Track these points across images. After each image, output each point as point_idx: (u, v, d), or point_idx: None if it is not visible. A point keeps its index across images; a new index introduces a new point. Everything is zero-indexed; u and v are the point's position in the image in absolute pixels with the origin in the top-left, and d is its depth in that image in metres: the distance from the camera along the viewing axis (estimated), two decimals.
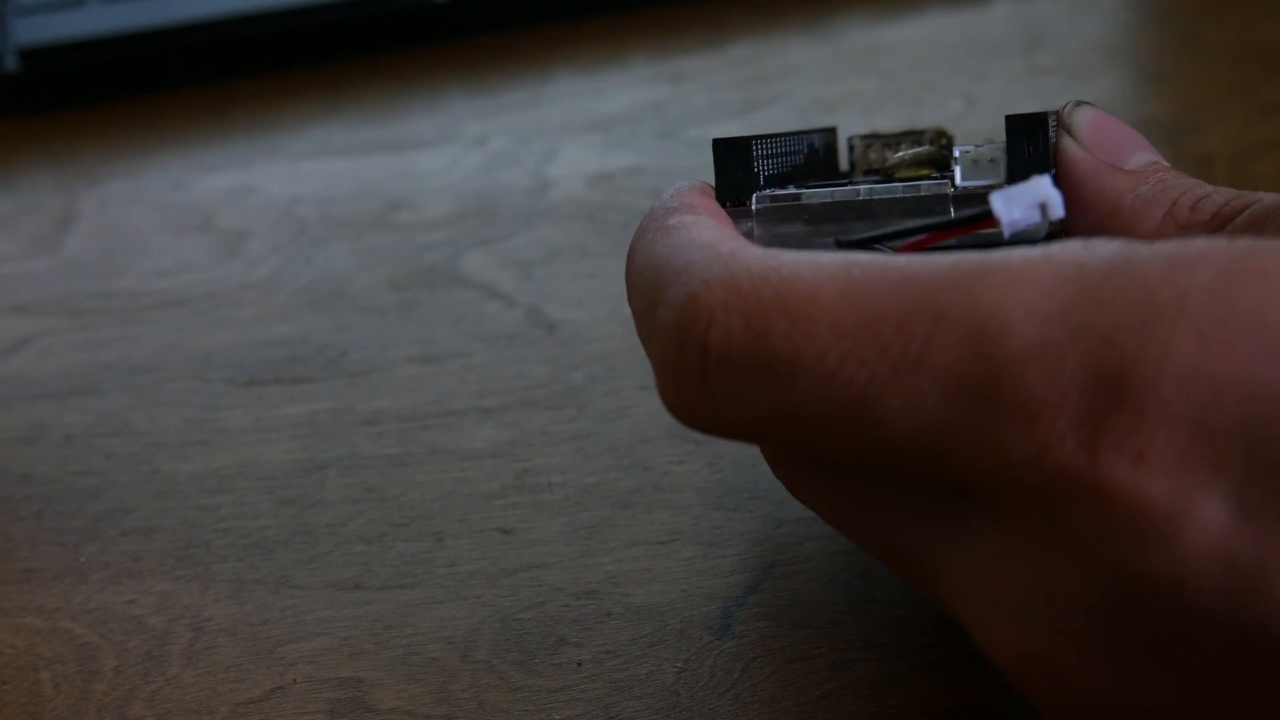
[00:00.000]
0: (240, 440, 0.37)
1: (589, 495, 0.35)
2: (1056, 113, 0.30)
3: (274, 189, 0.48)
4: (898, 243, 0.28)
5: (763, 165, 0.31)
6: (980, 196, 0.28)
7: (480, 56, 0.54)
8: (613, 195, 0.47)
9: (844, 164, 0.37)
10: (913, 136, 0.35)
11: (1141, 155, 0.29)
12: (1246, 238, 0.22)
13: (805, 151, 0.34)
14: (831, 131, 0.36)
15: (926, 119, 0.37)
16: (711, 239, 0.26)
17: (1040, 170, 0.28)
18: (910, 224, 0.28)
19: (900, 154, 0.32)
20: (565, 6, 0.56)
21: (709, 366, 0.23)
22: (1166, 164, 0.29)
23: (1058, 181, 0.29)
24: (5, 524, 0.35)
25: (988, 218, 0.27)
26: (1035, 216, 0.27)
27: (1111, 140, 0.29)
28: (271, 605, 0.33)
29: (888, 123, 0.50)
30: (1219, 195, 0.27)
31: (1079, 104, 0.30)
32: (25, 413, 0.39)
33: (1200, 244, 0.22)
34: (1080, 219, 0.29)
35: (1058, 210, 0.27)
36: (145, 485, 0.36)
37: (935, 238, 0.28)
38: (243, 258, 0.45)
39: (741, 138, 0.30)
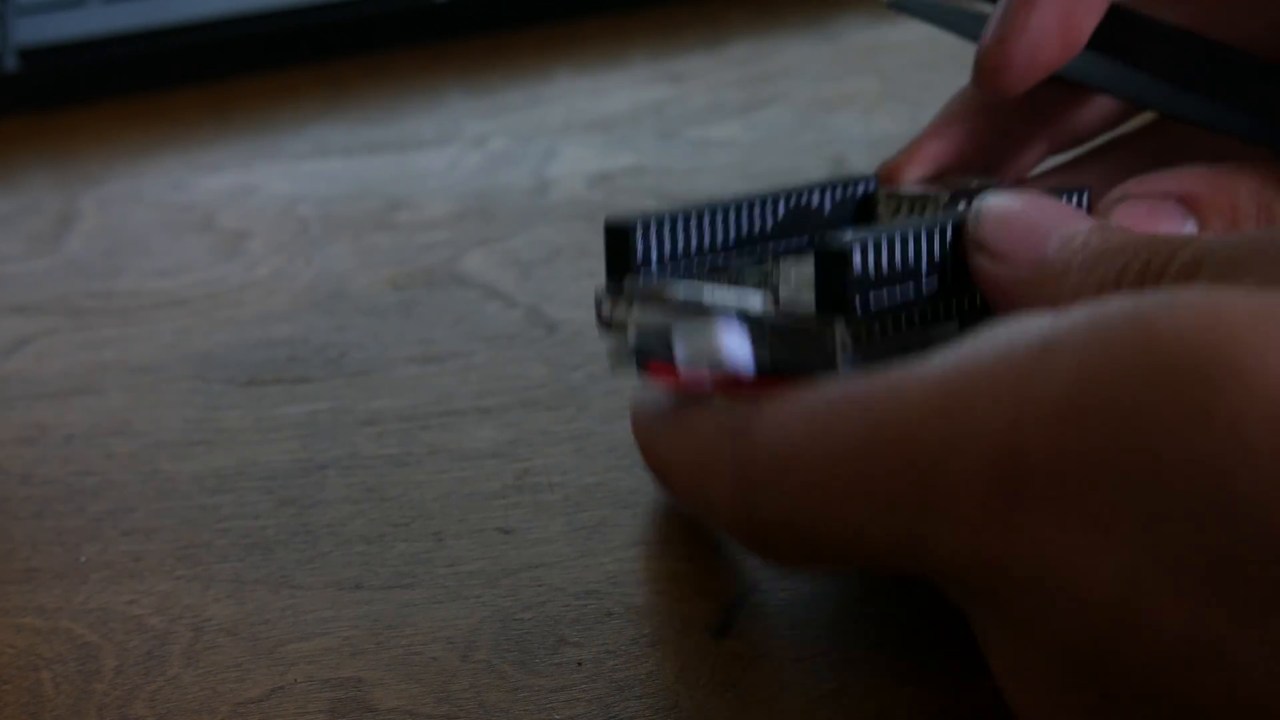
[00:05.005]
0: (240, 440, 0.37)
1: (589, 495, 0.35)
2: (964, 217, 0.29)
3: (274, 189, 0.48)
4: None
5: (675, 242, 0.31)
6: (796, 325, 0.28)
7: (480, 56, 0.54)
8: (613, 195, 0.47)
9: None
10: (929, 200, 0.34)
11: (1059, 234, 0.28)
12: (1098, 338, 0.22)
13: (783, 212, 0.33)
14: (835, 187, 0.34)
15: (926, 119, 0.37)
16: (723, 419, 0.28)
17: (840, 308, 0.28)
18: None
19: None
20: (565, 6, 0.56)
21: (766, 536, 0.27)
22: (1088, 223, 0.28)
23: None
24: (5, 524, 0.35)
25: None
26: (705, 368, 0.28)
27: (1021, 237, 0.29)
28: (272, 605, 0.32)
29: (890, 121, 0.50)
30: (1136, 260, 0.26)
31: (982, 200, 0.29)
32: (25, 413, 0.39)
33: (1047, 361, 0.23)
34: None
35: (738, 363, 0.28)
36: (145, 485, 0.36)
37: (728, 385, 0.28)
38: (243, 258, 0.45)
39: (622, 226, 0.31)
